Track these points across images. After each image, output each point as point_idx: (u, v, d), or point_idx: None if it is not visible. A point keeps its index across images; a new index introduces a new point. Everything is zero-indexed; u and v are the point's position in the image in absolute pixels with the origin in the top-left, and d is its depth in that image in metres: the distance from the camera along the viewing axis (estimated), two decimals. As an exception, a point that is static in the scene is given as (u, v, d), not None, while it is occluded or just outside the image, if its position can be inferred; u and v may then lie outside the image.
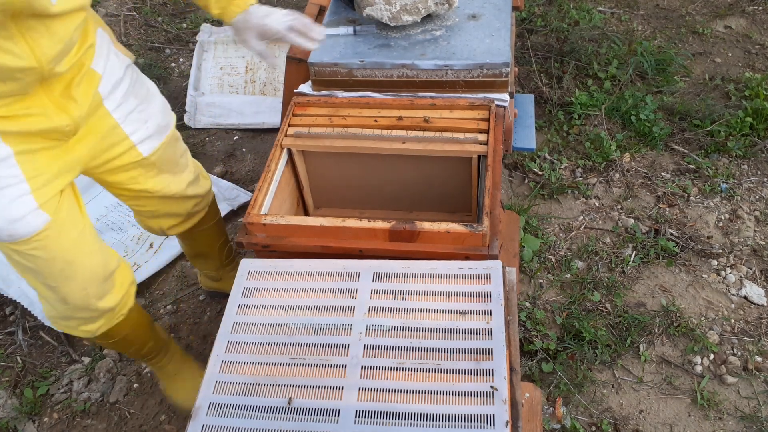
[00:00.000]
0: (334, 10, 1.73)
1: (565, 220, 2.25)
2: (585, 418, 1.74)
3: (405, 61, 1.52)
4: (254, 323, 1.29)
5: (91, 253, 1.33)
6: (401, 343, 1.22)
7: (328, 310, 1.30)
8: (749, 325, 1.92)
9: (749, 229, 2.20)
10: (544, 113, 2.65)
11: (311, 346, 1.24)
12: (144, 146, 1.39)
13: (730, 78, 2.77)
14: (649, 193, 2.33)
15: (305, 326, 1.28)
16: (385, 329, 1.25)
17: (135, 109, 1.36)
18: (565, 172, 2.42)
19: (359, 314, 1.28)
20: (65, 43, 1.10)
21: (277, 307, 1.32)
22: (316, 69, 1.57)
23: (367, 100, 1.55)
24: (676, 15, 3.15)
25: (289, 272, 1.38)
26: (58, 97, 1.18)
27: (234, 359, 1.23)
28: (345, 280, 1.36)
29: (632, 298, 2.01)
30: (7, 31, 1.00)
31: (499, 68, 1.50)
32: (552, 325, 1.95)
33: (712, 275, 2.06)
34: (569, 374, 1.82)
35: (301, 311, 1.31)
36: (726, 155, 2.45)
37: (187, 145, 1.62)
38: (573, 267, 2.09)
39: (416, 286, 1.33)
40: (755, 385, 1.79)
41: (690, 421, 1.73)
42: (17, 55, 1.03)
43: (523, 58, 2.88)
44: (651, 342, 1.89)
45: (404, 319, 1.26)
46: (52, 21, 1.05)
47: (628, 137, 2.53)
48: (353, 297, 1.32)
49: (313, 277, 1.37)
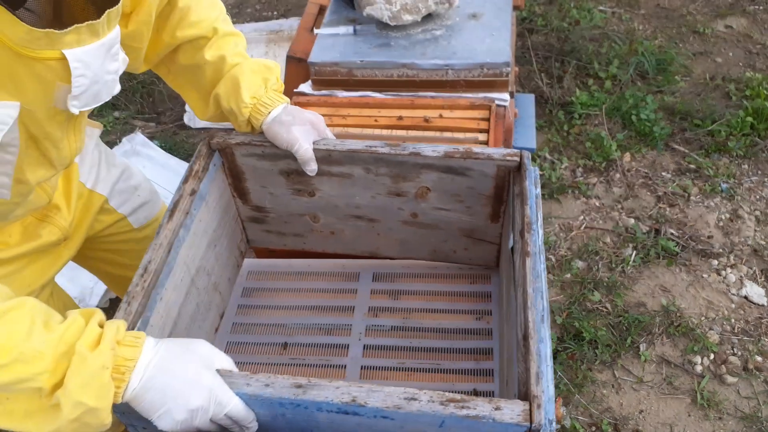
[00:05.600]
0: (334, 10, 1.72)
1: (566, 220, 2.25)
2: (585, 418, 1.74)
3: (405, 61, 1.52)
4: (254, 323, 1.29)
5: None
6: (401, 343, 1.22)
7: (328, 310, 1.30)
8: (749, 325, 1.92)
9: (749, 228, 2.20)
10: (544, 113, 2.64)
11: (311, 346, 1.24)
12: (134, 217, 1.29)
13: (731, 78, 2.76)
14: (649, 193, 2.33)
15: (305, 326, 1.27)
16: (385, 329, 1.25)
17: (119, 179, 1.25)
18: (566, 171, 2.42)
19: (359, 314, 1.28)
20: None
21: (276, 307, 1.32)
22: (316, 68, 1.57)
23: (368, 100, 1.55)
24: (677, 14, 3.15)
25: (289, 272, 1.38)
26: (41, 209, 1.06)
27: (233, 359, 1.23)
28: (345, 280, 1.35)
29: (632, 298, 2.01)
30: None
31: (499, 68, 1.49)
32: (552, 325, 1.95)
33: (712, 275, 2.05)
34: (569, 374, 1.82)
35: (300, 311, 1.30)
36: (726, 155, 2.45)
37: (188, 145, 1.62)
38: (573, 267, 2.09)
39: (416, 285, 1.33)
40: (755, 385, 1.79)
41: (690, 421, 1.72)
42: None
43: (524, 57, 2.88)
44: (651, 342, 1.89)
45: (404, 319, 1.26)
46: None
47: (628, 137, 2.53)
48: (353, 297, 1.32)
49: (313, 277, 1.37)
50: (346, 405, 0.78)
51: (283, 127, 1.09)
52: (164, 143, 2.55)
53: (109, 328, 0.78)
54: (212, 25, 1.08)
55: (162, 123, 2.71)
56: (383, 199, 1.21)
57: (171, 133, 2.64)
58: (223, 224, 1.22)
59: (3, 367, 0.71)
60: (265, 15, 3.35)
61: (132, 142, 2.46)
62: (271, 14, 3.35)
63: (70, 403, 0.73)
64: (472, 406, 0.77)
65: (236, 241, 1.31)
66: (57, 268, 1.14)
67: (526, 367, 0.81)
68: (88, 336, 0.76)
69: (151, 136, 2.58)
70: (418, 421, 0.79)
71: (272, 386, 0.81)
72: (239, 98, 1.08)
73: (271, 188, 1.23)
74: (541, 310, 0.87)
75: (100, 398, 0.74)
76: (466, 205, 1.19)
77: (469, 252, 1.29)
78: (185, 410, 0.79)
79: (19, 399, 0.76)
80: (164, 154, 2.43)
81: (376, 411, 0.78)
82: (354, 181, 1.18)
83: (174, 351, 0.82)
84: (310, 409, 0.80)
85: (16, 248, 1.03)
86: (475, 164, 1.10)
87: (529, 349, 0.82)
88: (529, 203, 1.00)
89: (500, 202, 1.16)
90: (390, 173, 1.15)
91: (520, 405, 0.77)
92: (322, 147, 1.12)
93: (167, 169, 2.37)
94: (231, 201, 1.26)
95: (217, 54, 1.09)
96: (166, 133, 2.65)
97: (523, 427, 0.76)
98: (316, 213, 1.27)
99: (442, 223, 1.24)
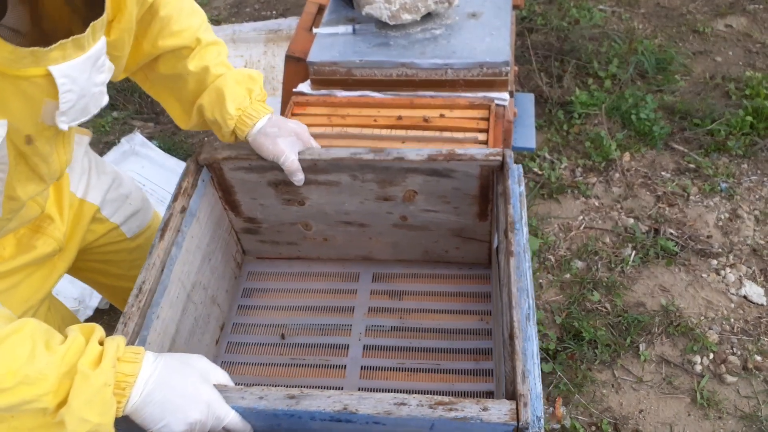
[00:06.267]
0: (333, 9, 1.72)
1: (565, 220, 2.25)
2: (585, 418, 1.74)
3: (404, 60, 1.52)
4: (254, 324, 1.29)
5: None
6: (401, 344, 1.22)
7: (328, 310, 1.30)
8: (749, 325, 1.92)
9: (749, 228, 2.20)
10: (544, 112, 2.64)
11: (311, 347, 1.24)
12: (126, 227, 1.27)
13: (731, 77, 2.76)
14: (648, 193, 2.33)
15: (305, 326, 1.27)
16: (385, 329, 1.25)
17: (110, 187, 1.24)
18: (565, 171, 2.42)
19: (359, 314, 1.28)
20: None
21: (276, 307, 1.32)
22: (315, 68, 1.56)
23: (367, 100, 1.55)
24: (677, 13, 3.14)
25: (289, 273, 1.38)
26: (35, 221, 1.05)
27: (234, 360, 1.23)
28: (344, 281, 1.35)
29: (632, 297, 2.01)
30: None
31: (499, 67, 1.49)
32: (552, 325, 1.95)
33: (711, 275, 2.05)
34: (569, 374, 1.82)
35: (300, 312, 1.30)
36: (726, 154, 2.44)
37: (187, 145, 1.61)
38: (573, 267, 2.08)
39: (416, 286, 1.33)
40: (755, 384, 1.78)
41: (690, 421, 1.72)
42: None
43: (523, 56, 2.88)
44: (651, 342, 1.89)
45: (404, 319, 1.26)
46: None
47: (628, 136, 2.52)
48: (353, 297, 1.32)
49: (313, 277, 1.37)
50: (338, 413, 0.80)
51: (268, 139, 1.10)
52: (163, 143, 2.54)
53: (110, 346, 0.79)
54: (195, 35, 1.07)
55: (161, 123, 2.71)
56: (372, 204, 1.22)
57: (170, 133, 2.64)
58: (216, 238, 1.24)
59: (7, 391, 0.73)
60: (263, 14, 3.34)
61: (131, 142, 2.45)
62: (269, 13, 3.35)
63: (74, 421, 0.75)
64: (460, 408, 0.79)
65: (231, 253, 1.32)
66: (53, 281, 1.13)
67: (512, 366, 0.82)
68: (89, 354, 0.77)
69: (149, 136, 2.57)
70: (409, 425, 0.80)
71: (266, 398, 0.82)
72: (224, 110, 1.08)
73: (261, 200, 1.24)
74: (527, 309, 0.89)
75: (103, 414, 0.76)
76: (454, 206, 1.20)
77: (461, 251, 1.31)
78: (184, 424, 0.81)
79: (24, 417, 0.78)
80: (163, 154, 2.43)
81: (367, 417, 0.80)
82: (341, 188, 1.20)
83: (172, 366, 0.83)
84: (304, 418, 0.82)
85: (11, 261, 1.02)
86: (458, 165, 1.12)
87: (515, 348, 0.83)
88: (512, 202, 1.02)
89: (486, 201, 1.18)
90: (376, 179, 1.17)
91: (507, 404, 0.79)
92: (307, 157, 1.14)
93: (166, 169, 2.36)
94: (223, 214, 1.28)
95: (200, 64, 1.08)
96: (165, 133, 2.65)
97: (510, 426, 0.77)
98: (307, 221, 1.28)
99: (432, 225, 1.25)
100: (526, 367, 0.82)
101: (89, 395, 0.75)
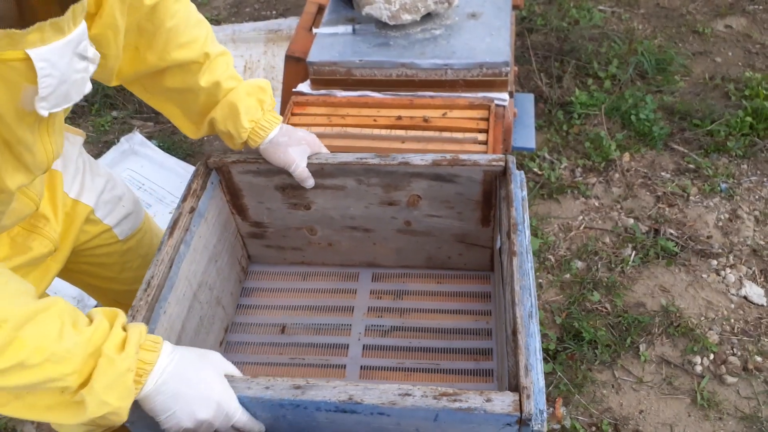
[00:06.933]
0: (333, 9, 1.72)
1: (565, 220, 2.25)
2: (585, 419, 1.74)
3: (404, 60, 1.52)
4: (254, 323, 1.29)
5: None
6: (400, 343, 1.22)
7: (328, 310, 1.30)
8: (749, 325, 1.92)
9: (749, 228, 2.20)
10: (543, 113, 2.64)
11: (311, 346, 1.24)
12: (119, 229, 1.26)
13: (730, 77, 2.76)
14: (648, 193, 2.33)
15: (305, 326, 1.27)
16: (385, 329, 1.25)
17: (104, 189, 1.22)
18: (565, 171, 2.42)
19: (358, 314, 1.28)
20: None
21: (276, 307, 1.32)
22: (315, 68, 1.56)
23: (366, 100, 1.55)
24: (677, 14, 3.15)
25: (289, 272, 1.38)
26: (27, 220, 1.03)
27: (233, 359, 1.23)
28: (344, 281, 1.35)
29: (632, 298, 2.00)
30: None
31: (498, 67, 1.49)
32: (551, 325, 1.94)
33: (711, 275, 2.05)
34: (569, 374, 1.82)
35: (300, 311, 1.30)
36: (726, 155, 2.44)
37: (186, 145, 1.61)
38: (572, 267, 2.08)
39: (416, 286, 1.33)
40: (755, 385, 1.78)
41: (690, 421, 1.72)
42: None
43: (523, 57, 2.88)
44: (651, 342, 1.89)
45: (403, 319, 1.26)
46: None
47: (627, 137, 2.52)
48: (353, 297, 1.32)
49: (313, 277, 1.37)
50: (343, 403, 0.81)
51: (279, 148, 1.15)
52: (162, 143, 2.54)
53: (133, 332, 0.81)
54: (203, 48, 1.08)
55: (160, 122, 2.70)
56: (376, 209, 1.23)
57: (169, 133, 2.64)
58: (223, 240, 1.25)
59: (35, 367, 0.74)
60: (263, 14, 3.34)
61: (130, 141, 2.45)
62: (269, 13, 3.34)
63: (95, 402, 0.77)
64: (464, 399, 0.79)
65: (237, 257, 1.33)
66: (47, 282, 1.12)
67: (515, 360, 0.83)
68: (114, 339, 0.79)
69: (149, 136, 2.57)
70: (414, 415, 0.81)
71: (272, 388, 0.83)
72: (238, 123, 1.12)
73: (268, 203, 1.26)
74: (529, 307, 0.90)
75: (122, 399, 0.78)
76: (457, 211, 1.21)
77: (464, 257, 1.31)
78: (191, 420, 0.83)
79: (42, 394, 0.79)
80: (162, 154, 2.43)
81: (372, 408, 0.80)
82: (347, 193, 1.21)
83: (189, 358, 0.85)
84: (310, 409, 0.82)
85: (6, 263, 1.01)
86: (462, 171, 1.13)
87: (518, 343, 0.84)
88: (515, 205, 1.03)
89: (489, 206, 1.18)
90: (381, 183, 1.18)
91: (510, 396, 0.79)
92: (315, 161, 1.16)
93: (165, 169, 2.36)
94: (230, 217, 1.29)
95: (211, 80, 1.10)
96: (165, 132, 2.65)
97: (513, 417, 0.78)
98: (312, 226, 1.29)
99: (435, 230, 1.26)
100: (529, 361, 0.82)
101: (112, 379, 0.77)
